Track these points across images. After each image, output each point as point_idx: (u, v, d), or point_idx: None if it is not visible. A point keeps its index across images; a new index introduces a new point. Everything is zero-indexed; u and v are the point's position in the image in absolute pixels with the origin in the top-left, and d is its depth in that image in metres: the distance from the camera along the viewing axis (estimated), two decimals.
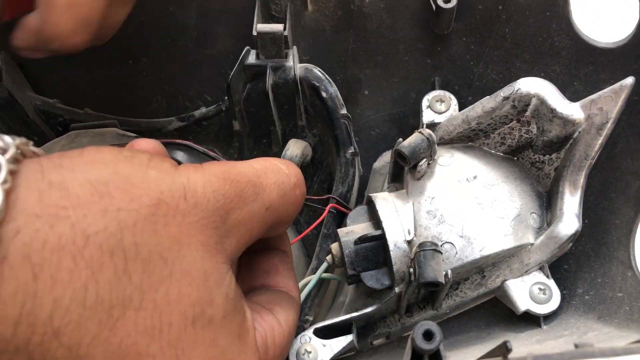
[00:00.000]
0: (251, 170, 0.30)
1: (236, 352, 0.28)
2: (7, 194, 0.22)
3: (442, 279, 0.36)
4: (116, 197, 0.24)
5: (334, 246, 0.42)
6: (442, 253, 0.38)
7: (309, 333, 0.40)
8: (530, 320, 0.39)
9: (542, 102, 0.39)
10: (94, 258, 0.22)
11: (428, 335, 0.29)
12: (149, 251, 0.24)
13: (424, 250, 0.37)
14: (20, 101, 0.46)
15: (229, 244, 0.28)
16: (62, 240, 0.22)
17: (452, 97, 0.45)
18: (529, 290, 0.39)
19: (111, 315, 0.23)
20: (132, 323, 0.24)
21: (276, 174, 0.32)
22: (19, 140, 0.23)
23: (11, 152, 0.22)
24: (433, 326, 0.29)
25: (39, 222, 0.22)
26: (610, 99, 0.39)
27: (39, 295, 0.21)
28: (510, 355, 0.27)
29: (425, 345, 0.28)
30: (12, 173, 0.22)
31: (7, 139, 0.23)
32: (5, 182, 0.21)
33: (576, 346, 0.27)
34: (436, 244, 0.37)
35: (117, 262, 0.23)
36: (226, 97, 0.47)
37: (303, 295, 0.41)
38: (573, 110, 0.39)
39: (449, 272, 0.37)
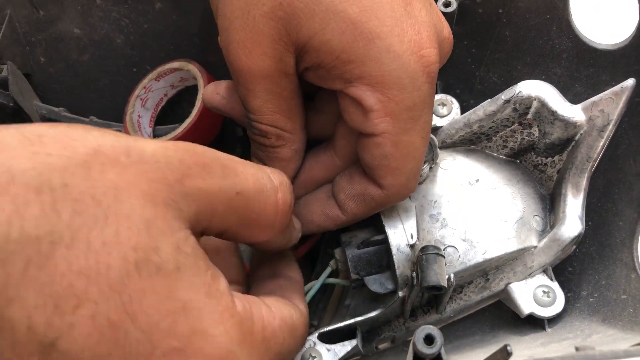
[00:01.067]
0: (227, 156, 0.30)
1: (205, 309, 0.26)
2: None
3: (444, 283, 0.36)
4: (48, 145, 0.23)
5: (337, 251, 0.42)
6: (444, 257, 0.38)
7: (313, 338, 0.40)
8: (534, 323, 0.39)
9: (544, 104, 0.40)
10: (19, 195, 0.22)
11: (429, 340, 0.29)
12: (80, 192, 0.23)
13: (426, 254, 0.37)
14: (27, 110, 0.47)
15: (186, 207, 0.27)
16: None
17: (454, 100, 0.46)
18: (533, 293, 0.39)
19: (39, 252, 0.22)
20: (64, 262, 0.22)
21: (257, 170, 0.31)
22: None
23: None
24: (434, 330, 0.29)
25: None
26: (611, 100, 0.39)
27: None
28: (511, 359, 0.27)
29: (426, 350, 0.28)
30: None
31: None
32: None
33: (577, 349, 0.27)
34: (438, 248, 0.37)
35: (44, 199, 0.22)
36: None
37: (307, 299, 0.42)
38: (574, 112, 0.40)
39: (452, 275, 0.37)
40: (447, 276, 0.37)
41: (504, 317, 0.42)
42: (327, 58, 0.33)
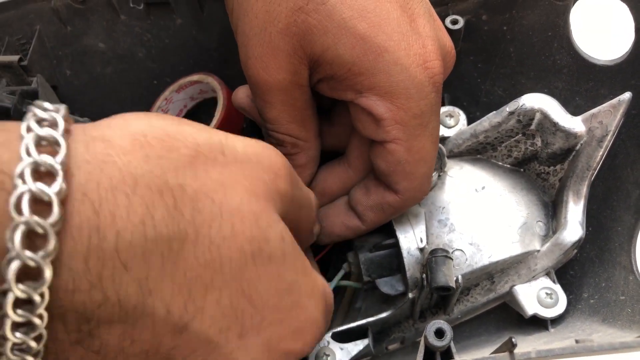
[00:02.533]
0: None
1: (304, 286, 0.30)
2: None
3: (453, 284, 0.38)
4: (155, 146, 0.25)
5: (350, 254, 0.44)
6: (452, 259, 0.40)
7: (327, 337, 0.41)
8: (538, 324, 0.41)
9: (546, 116, 0.42)
10: (145, 196, 0.23)
11: (439, 333, 0.31)
12: (194, 191, 0.25)
13: (435, 257, 0.39)
14: None
15: (279, 202, 0.29)
16: (113, 181, 0.23)
17: (461, 112, 0.48)
18: (537, 295, 0.41)
19: (171, 249, 0.24)
20: (192, 256, 0.25)
21: (306, 187, 0.34)
22: (64, 107, 0.25)
23: (62, 112, 0.25)
24: (444, 325, 0.31)
25: (89, 166, 0.23)
26: (610, 112, 0.41)
27: (101, 229, 0.22)
28: (516, 351, 0.29)
29: (437, 343, 0.30)
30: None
31: (51, 106, 0.25)
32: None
33: (577, 341, 0.29)
34: (447, 251, 0.39)
35: (167, 200, 0.24)
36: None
37: None
38: (575, 123, 0.42)
39: (460, 277, 0.39)
40: (455, 277, 0.39)
41: (509, 318, 0.43)
42: (339, 70, 0.35)
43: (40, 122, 0.24)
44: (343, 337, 0.42)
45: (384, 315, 0.42)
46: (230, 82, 0.51)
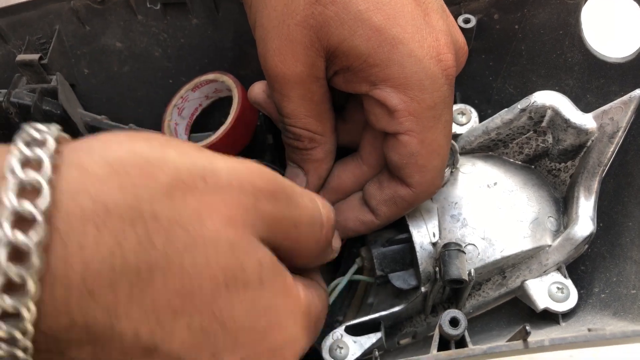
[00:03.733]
0: (288, 183, 0.31)
1: (281, 306, 0.29)
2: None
3: (465, 276, 0.38)
4: (131, 174, 0.24)
5: (363, 249, 0.45)
6: (465, 253, 0.40)
7: (340, 330, 0.42)
8: (549, 318, 0.41)
9: (557, 113, 0.42)
10: (116, 227, 0.23)
11: (454, 322, 0.31)
12: (168, 221, 0.25)
13: (448, 250, 0.39)
14: (73, 117, 0.50)
15: (261, 227, 0.28)
16: (84, 211, 0.23)
17: (473, 110, 0.48)
18: (548, 289, 0.41)
19: (140, 278, 0.24)
20: (162, 285, 0.24)
21: (312, 203, 0.32)
22: (55, 129, 0.25)
23: (51, 142, 0.24)
24: (458, 314, 0.31)
25: (62, 195, 0.23)
26: (621, 109, 0.41)
27: (68, 259, 0.23)
28: (530, 339, 0.30)
29: (451, 331, 0.31)
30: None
31: (45, 129, 0.25)
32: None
33: (589, 330, 0.29)
34: (460, 245, 0.40)
35: (139, 231, 0.24)
36: (260, 113, 0.51)
37: (334, 296, 0.44)
38: (586, 120, 0.42)
39: (472, 270, 0.39)
40: (467, 271, 0.39)
41: (520, 313, 0.44)
42: (355, 62, 0.35)
43: (27, 158, 0.24)
44: (356, 331, 0.43)
45: (396, 309, 0.43)
46: (244, 82, 0.52)
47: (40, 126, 0.25)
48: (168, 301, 0.25)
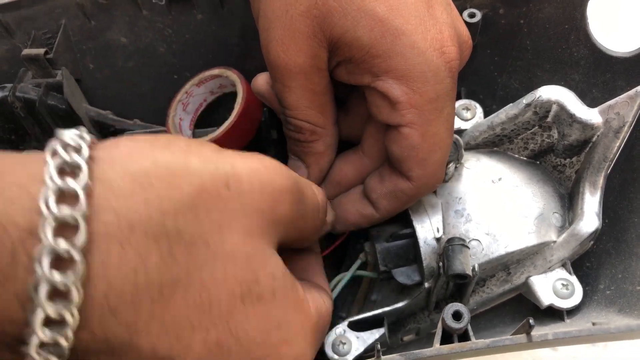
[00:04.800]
0: (298, 177, 0.32)
1: (293, 322, 0.30)
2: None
3: (469, 271, 0.38)
4: (156, 187, 0.25)
5: (367, 244, 0.44)
6: (469, 248, 0.40)
7: (343, 326, 0.42)
8: (554, 315, 0.41)
9: (562, 108, 0.42)
10: (140, 244, 0.24)
11: (457, 316, 0.31)
12: (191, 236, 0.25)
13: (452, 245, 0.39)
14: (78, 112, 0.50)
15: (275, 232, 0.29)
16: (108, 228, 0.23)
17: (477, 105, 0.48)
18: (552, 286, 0.41)
19: (162, 294, 0.24)
20: (182, 300, 0.25)
21: (312, 191, 0.34)
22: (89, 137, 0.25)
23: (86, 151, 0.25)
24: (461, 307, 0.31)
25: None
26: (627, 104, 0.41)
27: (92, 278, 0.23)
28: (533, 332, 0.29)
29: (454, 325, 0.31)
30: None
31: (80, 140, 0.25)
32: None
33: (594, 324, 0.29)
34: (464, 240, 0.39)
35: (162, 247, 0.24)
36: (265, 108, 0.51)
37: (337, 291, 0.44)
38: (591, 115, 0.42)
39: (476, 265, 0.39)
40: (471, 266, 0.39)
41: (524, 310, 0.43)
42: (357, 53, 0.35)
43: (62, 165, 0.24)
44: (359, 326, 0.42)
45: (399, 305, 0.43)
46: (249, 77, 0.52)
47: (73, 133, 0.25)
48: (187, 317, 0.26)
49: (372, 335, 0.42)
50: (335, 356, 0.40)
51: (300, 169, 0.42)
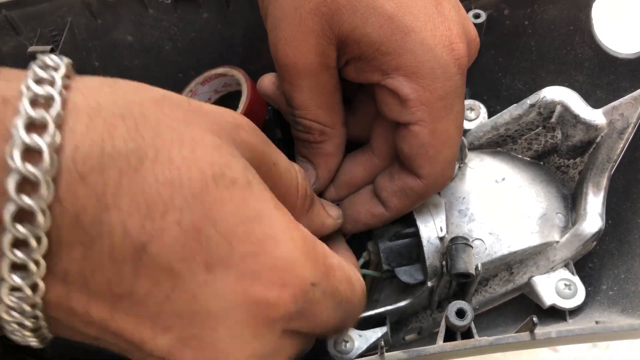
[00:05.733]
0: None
1: (275, 218, 0.28)
2: None
3: (472, 271, 0.38)
4: (124, 88, 0.26)
5: (370, 243, 0.44)
6: (472, 247, 0.40)
7: None
8: (556, 315, 0.41)
9: (566, 108, 0.42)
10: (107, 119, 0.24)
11: (460, 313, 0.31)
12: (157, 120, 0.26)
13: (455, 244, 0.39)
14: None
15: (243, 149, 0.29)
16: (77, 104, 0.24)
17: (482, 106, 0.48)
18: (555, 286, 0.41)
19: (129, 165, 0.24)
20: (151, 173, 0.25)
21: (284, 160, 0.34)
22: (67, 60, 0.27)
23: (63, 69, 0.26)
24: (465, 305, 0.31)
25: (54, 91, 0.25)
26: (631, 105, 0.41)
27: (61, 144, 0.24)
28: (537, 330, 0.29)
29: (458, 322, 0.31)
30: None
31: (57, 59, 0.27)
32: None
33: (597, 322, 0.29)
34: (467, 239, 0.40)
35: (129, 124, 0.25)
36: (269, 107, 0.51)
37: None
38: (595, 116, 0.42)
39: (479, 265, 0.39)
40: (474, 265, 0.39)
41: (527, 310, 0.43)
42: (367, 50, 0.35)
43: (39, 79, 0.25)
44: (362, 325, 0.42)
45: (402, 303, 0.43)
46: (254, 77, 0.52)
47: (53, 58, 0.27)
48: (158, 192, 0.25)
49: (374, 334, 0.42)
50: (338, 354, 0.40)
51: (308, 171, 0.42)
